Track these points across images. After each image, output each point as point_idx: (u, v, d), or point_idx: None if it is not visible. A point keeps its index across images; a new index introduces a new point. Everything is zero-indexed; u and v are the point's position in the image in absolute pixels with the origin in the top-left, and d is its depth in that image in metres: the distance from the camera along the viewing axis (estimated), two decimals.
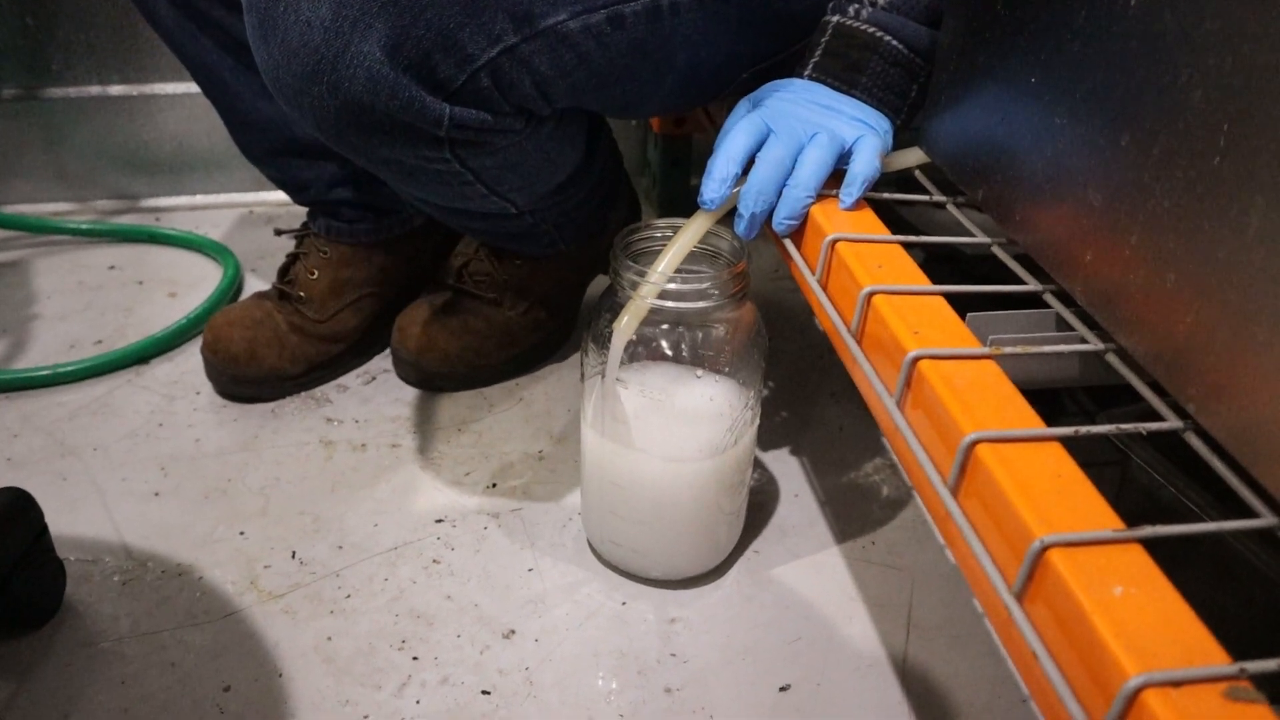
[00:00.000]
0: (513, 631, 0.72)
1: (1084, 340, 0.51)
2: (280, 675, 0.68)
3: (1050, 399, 0.71)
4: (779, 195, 0.62)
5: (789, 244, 0.64)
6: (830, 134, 0.62)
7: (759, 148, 0.63)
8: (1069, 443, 0.42)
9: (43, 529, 0.70)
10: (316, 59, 0.63)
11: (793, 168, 0.62)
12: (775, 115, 0.64)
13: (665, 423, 0.69)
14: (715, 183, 0.62)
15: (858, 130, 0.64)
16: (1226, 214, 0.38)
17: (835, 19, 0.68)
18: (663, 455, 0.69)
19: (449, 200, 0.82)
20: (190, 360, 1.03)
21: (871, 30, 0.66)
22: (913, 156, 0.67)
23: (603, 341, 0.67)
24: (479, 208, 0.83)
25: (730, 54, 0.77)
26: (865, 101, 0.66)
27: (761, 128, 0.63)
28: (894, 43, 0.65)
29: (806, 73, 0.68)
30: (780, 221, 0.62)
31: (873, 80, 0.66)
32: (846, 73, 0.66)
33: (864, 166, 0.62)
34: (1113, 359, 0.49)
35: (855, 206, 0.62)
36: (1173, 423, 0.44)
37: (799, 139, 0.62)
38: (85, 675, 0.67)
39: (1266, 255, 0.36)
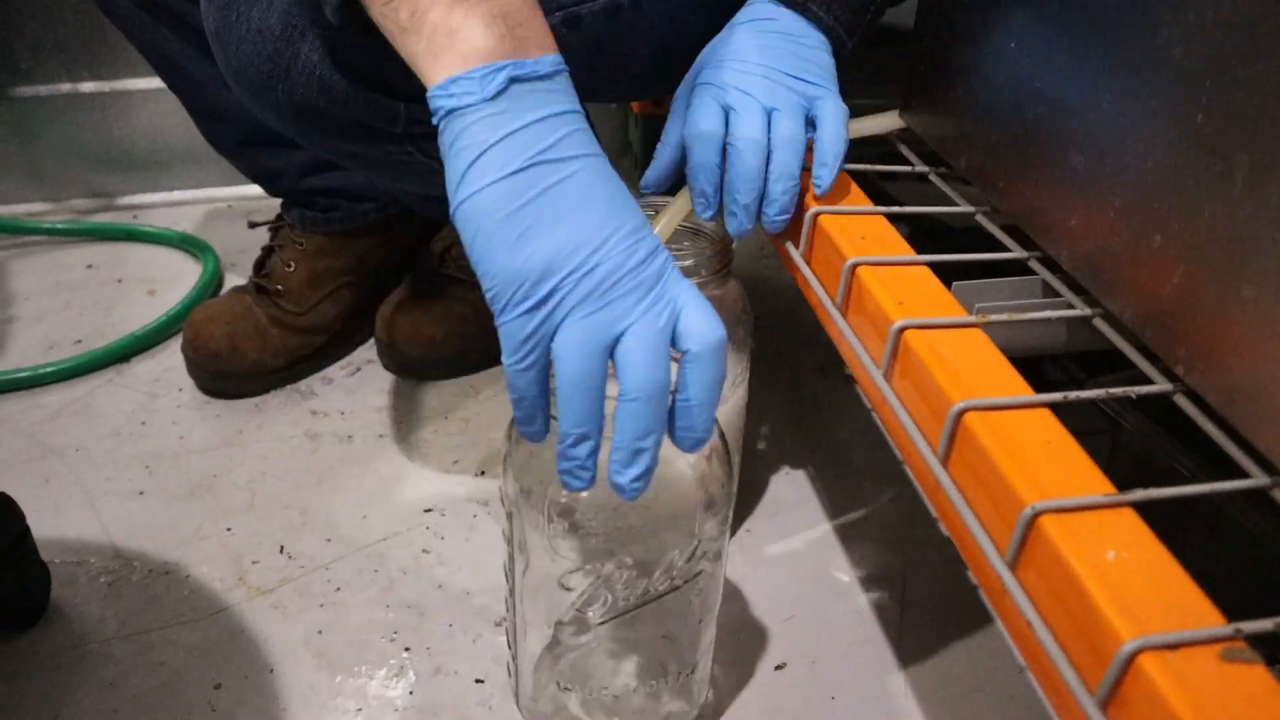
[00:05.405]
0: (504, 619, 0.71)
1: (1071, 306, 0.50)
2: (271, 671, 0.68)
3: (1038, 368, 0.71)
4: (765, 179, 0.59)
5: None
6: (792, 107, 0.58)
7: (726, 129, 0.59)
8: (1059, 412, 0.41)
9: (24, 531, 0.69)
10: (270, 68, 0.62)
11: (769, 144, 0.58)
12: (730, 92, 0.59)
13: None
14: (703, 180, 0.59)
15: (817, 93, 0.59)
16: (1211, 171, 0.38)
17: None
18: None
19: (421, 188, 0.81)
20: (172, 358, 1.01)
21: None
22: (887, 121, 0.66)
23: None
24: None
25: (700, 38, 0.75)
26: (819, 22, 0.60)
27: (720, 113, 0.59)
28: None
29: None
30: (773, 220, 0.59)
31: None
32: None
33: (832, 141, 0.58)
34: (1100, 324, 0.49)
35: (833, 185, 0.60)
36: (1162, 385, 0.44)
37: (764, 112, 0.58)
38: (73, 678, 0.67)
39: (1252, 212, 0.36)
